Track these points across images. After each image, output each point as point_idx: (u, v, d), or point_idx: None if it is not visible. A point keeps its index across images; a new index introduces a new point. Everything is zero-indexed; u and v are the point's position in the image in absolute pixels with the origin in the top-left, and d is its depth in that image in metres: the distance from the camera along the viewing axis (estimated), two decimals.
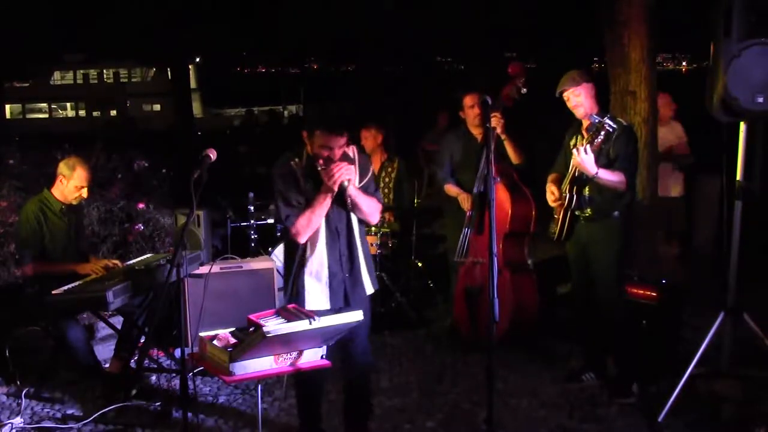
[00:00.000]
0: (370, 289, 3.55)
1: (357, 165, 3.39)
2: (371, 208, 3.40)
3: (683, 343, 4.61)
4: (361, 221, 3.48)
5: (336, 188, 3.23)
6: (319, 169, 3.26)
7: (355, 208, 3.37)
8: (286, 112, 29.38)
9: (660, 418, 3.85)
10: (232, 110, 42.00)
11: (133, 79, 47.60)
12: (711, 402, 4.01)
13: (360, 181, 3.39)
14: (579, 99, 4.13)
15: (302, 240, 3.34)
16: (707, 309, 4.17)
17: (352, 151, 3.42)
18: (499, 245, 4.76)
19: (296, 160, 3.36)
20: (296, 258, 3.40)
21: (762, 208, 4.81)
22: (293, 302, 3.41)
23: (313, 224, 3.30)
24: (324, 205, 3.28)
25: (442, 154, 5.34)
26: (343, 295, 3.42)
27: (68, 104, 46.85)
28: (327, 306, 3.40)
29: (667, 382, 4.06)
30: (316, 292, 3.40)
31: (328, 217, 3.35)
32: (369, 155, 3.39)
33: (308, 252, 3.39)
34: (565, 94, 4.17)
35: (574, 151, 3.99)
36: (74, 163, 4.59)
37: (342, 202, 3.35)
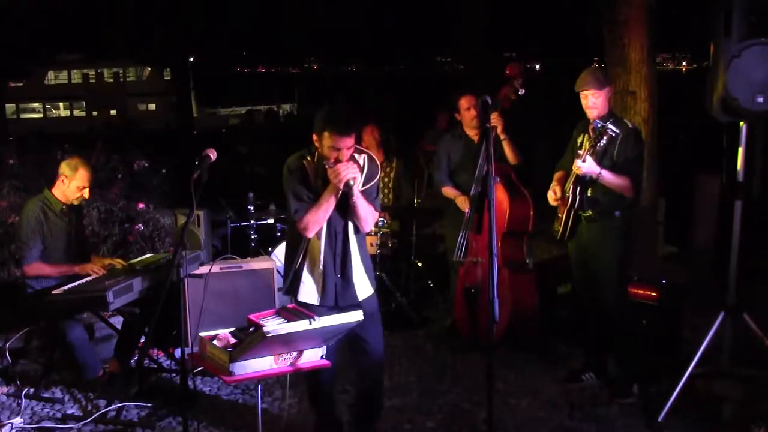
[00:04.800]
0: (366, 291, 3.60)
1: (364, 170, 3.47)
2: (366, 214, 3.46)
3: (683, 343, 4.62)
4: (356, 227, 3.53)
5: (341, 186, 3.30)
6: (327, 167, 3.35)
7: (353, 211, 3.43)
8: (281, 112, 29.36)
9: (660, 418, 3.85)
10: (226, 110, 42.07)
11: (128, 79, 47.57)
12: (711, 402, 4.02)
13: (363, 186, 3.46)
14: (597, 101, 4.08)
15: (310, 234, 3.44)
16: (707, 309, 4.16)
17: (363, 159, 3.50)
18: (497, 244, 4.76)
19: (308, 158, 3.47)
20: (298, 252, 3.51)
21: (762, 208, 4.81)
22: (290, 293, 3.57)
23: (319, 220, 3.40)
24: (330, 202, 3.37)
25: (439, 156, 5.33)
26: (334, 296, 3.51)
27: (61, 104, 46.72)
28: (317, 302, 3.50)
29: (667, 382, 4.07)
30: (310, 286, 3.52)
31: (330, 217, 3.43)
32: (378, 165, 3.50)
33: (308, 248, 3.51)
34: (585, 93, 4.10)
35: (576, 162, 3.99)
36: (76, 163, 4.58)
37: (344, 205, 3.43)
